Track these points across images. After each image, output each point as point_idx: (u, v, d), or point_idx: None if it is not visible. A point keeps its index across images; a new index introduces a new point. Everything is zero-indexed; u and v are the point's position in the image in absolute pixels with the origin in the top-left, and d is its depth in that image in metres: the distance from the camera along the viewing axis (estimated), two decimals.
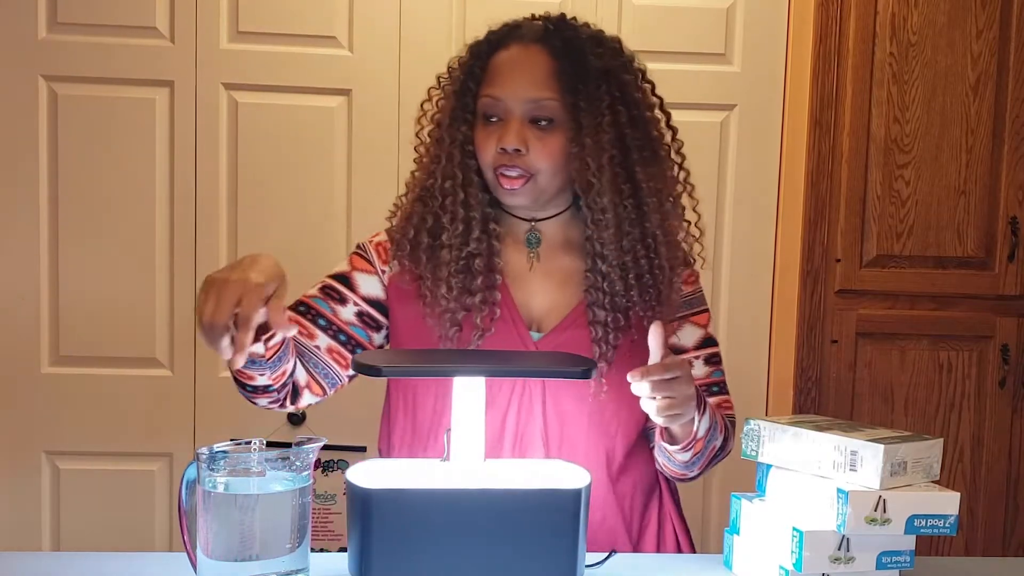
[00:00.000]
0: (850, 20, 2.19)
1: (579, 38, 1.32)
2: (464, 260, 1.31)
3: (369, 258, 1.40)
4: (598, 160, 1.29)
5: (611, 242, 1.31)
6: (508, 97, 1.30)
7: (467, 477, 1.10)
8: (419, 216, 1.35)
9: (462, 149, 1.33)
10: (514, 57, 1.31)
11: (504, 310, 1.33)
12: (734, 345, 2.31)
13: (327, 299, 1.36)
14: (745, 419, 1.23)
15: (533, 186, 1.31)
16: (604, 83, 1.30)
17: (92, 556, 1.19)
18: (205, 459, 1.01)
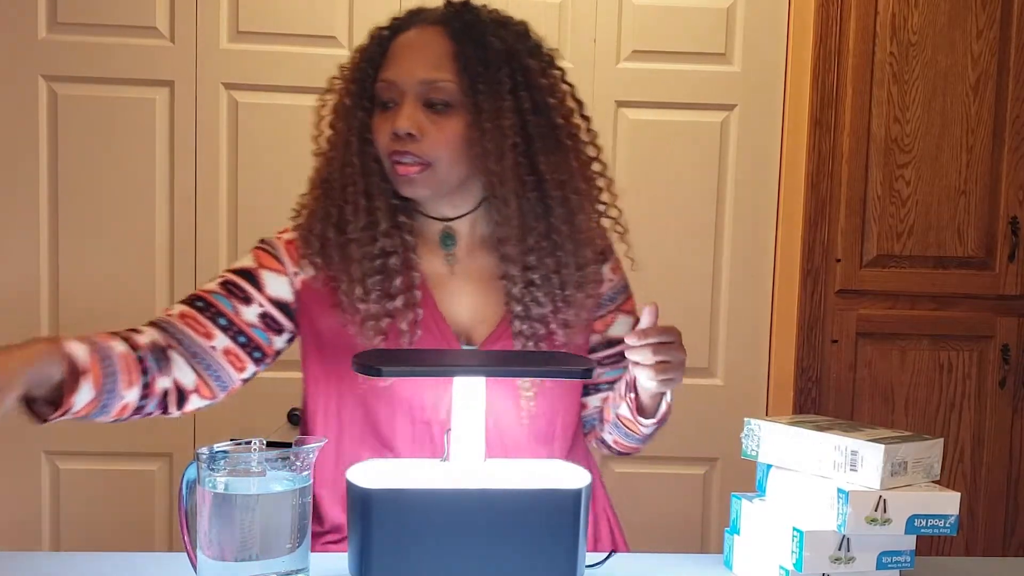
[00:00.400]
0: (850, 20, 2.19)
1: (480, 20, 1.26)
2: (378, 258, 1.25)
3: (278, 256, 1.31)
4: (499, 147, 1.22)
5: (515, 239, 1.25)
6: (401, 79, 1.23)
7: (467, 477, 1.10)
8: (323, 210, 1.28)
9: (360, 136, 1.26)
10: (411, 39, 1.26)
11: (429, 318, 1.27)
12: (734, 345, 2.31)
13: (230, 297, 1.27)
14: (745, 419, 1.23)
15: (431, 175, 1.24)
16: (506, 66, 1.24)
17: (92, 556, 1.19)
18: (205, 459, 1.01)
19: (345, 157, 1.27)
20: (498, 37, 1.25)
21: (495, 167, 1.23)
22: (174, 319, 1.25)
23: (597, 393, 1.41)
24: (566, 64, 2.19)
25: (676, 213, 2.28)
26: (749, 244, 2.29)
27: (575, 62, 2.24)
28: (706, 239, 2.30)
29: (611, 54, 2.24)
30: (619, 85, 2.25)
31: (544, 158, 1.25)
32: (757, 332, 2.31)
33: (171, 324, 1.24)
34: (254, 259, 1.31)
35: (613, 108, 2.25)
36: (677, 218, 2.28)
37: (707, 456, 2.32)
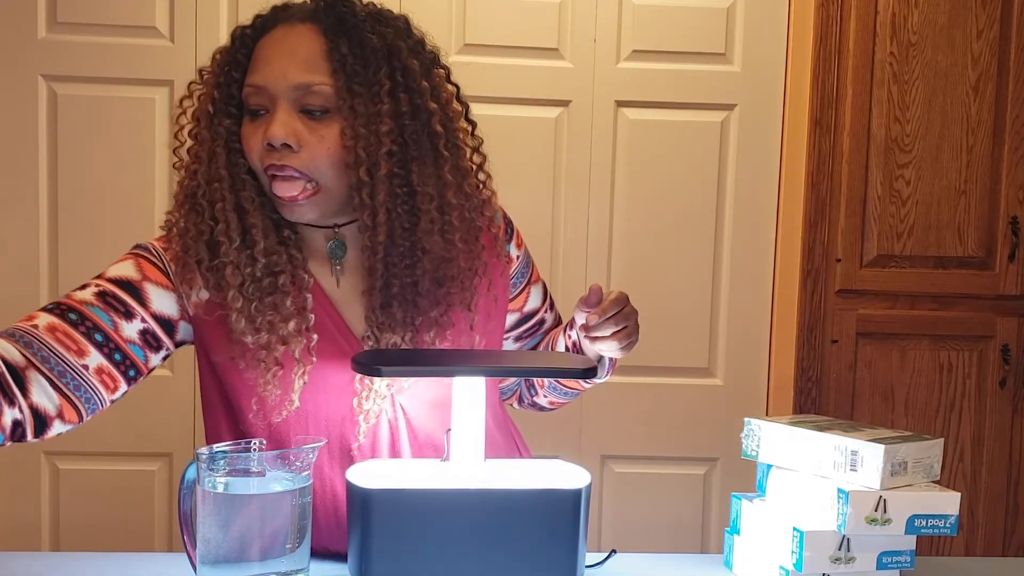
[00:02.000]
0: (850, 20, 2.19)
1: (356, 15, 1.14)
2: (264, 279, 1.13)
3: (165, 269, 1.18)
4: (373, 154, 1.11)
5: (378, 251, 1.14)
6: (272, 84, 1.11)
7: (467, 477, 1.10)
8: (194, 228, 1.15)
9: (227, 146, 1.14)
10: (280, 39, 1.13)
11: (335, 335, 1.18)
12: (734, 345, 2.31)
13: (108, 310, 1.13)
14: (745, 419, 1.23)
15: (321, 199, 1.13)
16: (385, 65, 1.13)
17: (92, 556, 1.19)
18: (205, 459, 1.01)
19: (211, 170, 1.14)
20: (376, 33, 1.13)
21: (366, 177, 1.11)
22: (40, 332, 1.09)
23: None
24: (566, 64, 2.23)
25: (676, 213, 2.28)
26: (749, 244, 2.30)
27: (575, 62, 2.24)
28: (706, 239, 2.30)
29: (611, 54, 2.24)
30: (619, 85, 2.25)
31: (418, 169, 1.14)
32: (757, 332, 2.31)
33: (35, 339, 1.08)
34: (136, 269, 1.17)
35: (613, 108, 2.25)
36: (677, 218, 2.28)
37: (707, 456, 2.32)
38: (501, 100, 2.21)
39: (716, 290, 2.31)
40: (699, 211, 2.29)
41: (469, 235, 1.19)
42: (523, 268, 1.35)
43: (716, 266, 2.30)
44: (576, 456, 2.24)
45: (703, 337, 2.31)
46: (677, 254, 2.28)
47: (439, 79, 1.19)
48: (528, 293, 1.37)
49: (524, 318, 1.38)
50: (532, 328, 1.39)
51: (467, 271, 1.20)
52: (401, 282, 1.16)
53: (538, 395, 1.42)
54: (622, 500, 2.32)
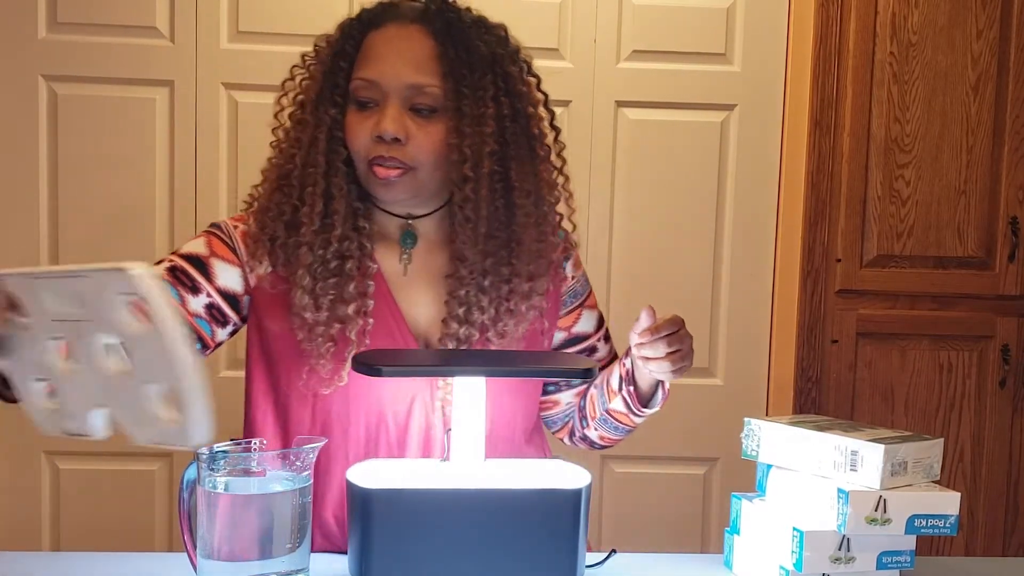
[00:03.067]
0: (850, 20, 2.19)
1: (462, 21, 1.22)
2: (332, 261, 1.20)
3: (233, 246, 1.25)
4: (478, 153, 1.19)
5: (476, 243, 1.22)
6: (386, 80, 1.19)
7: (467, 477, 1.10)
8: (276, 207, 1.22)
9: (329, 134, 1.21)
10: (391, 37, 1.21)
11: (389, 320, 1.24)
12: (734, 345, 2.31)
13: (177, 284, 1.20)
14: (745, 419, 1.23)
15: (412, 180, 1.21)
16: (490, 71, 1.21)
17: (92, 556, 1.19)
18: (205, 459, 1.01)
19: (309, 155, 1.21)
20: (481, 40, 1.21)
21: (471, 173, 1.20)
22: None
23: (569, 389, 1.41)
24: (566, 64, 2.23)
25: (676, 213, 2.28)
26: (749, 244, 2.30)
27: (575, 62, 2.24)
28: (706, 239, 2.30)
29: (611, 54, 2.24)
30: (619, 85, 2.25)
31: (516, 167, 1.22)
32: (757, 332, 2.31)
33: None
34: (206, 245, 1.25)
35: (613, 108, 2.25)
36: (677, 218, 2.28)
37: (707, 456, 2.32)
38: None
39: (716, 290, 2.31)
40: (699, 211, 2.29)
41: (555, 231, 1.30)
42: (578, 289, 1.38)
43: (716, 266, 2.30)
44: (576, 456, 2.23)
45: (703, 337, 2.31)
46: (677, 254, 2.28)
47: (530, 86, 1.28)
48: (579, 315, 1.38)
49: (572, 339, 1.38)
50: (581, 353, 1.39)
51: (553, 265, 1.30)
52: (497, 272, 1.23)
53: (588, 427, 1.40)
54: (622, 500, 2.32)
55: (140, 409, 0.86)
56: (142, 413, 0.86)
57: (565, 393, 1.41)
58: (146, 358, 0.84)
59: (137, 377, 0.86)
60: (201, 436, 0.86)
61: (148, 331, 0.83)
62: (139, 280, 0.81)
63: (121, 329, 0.85)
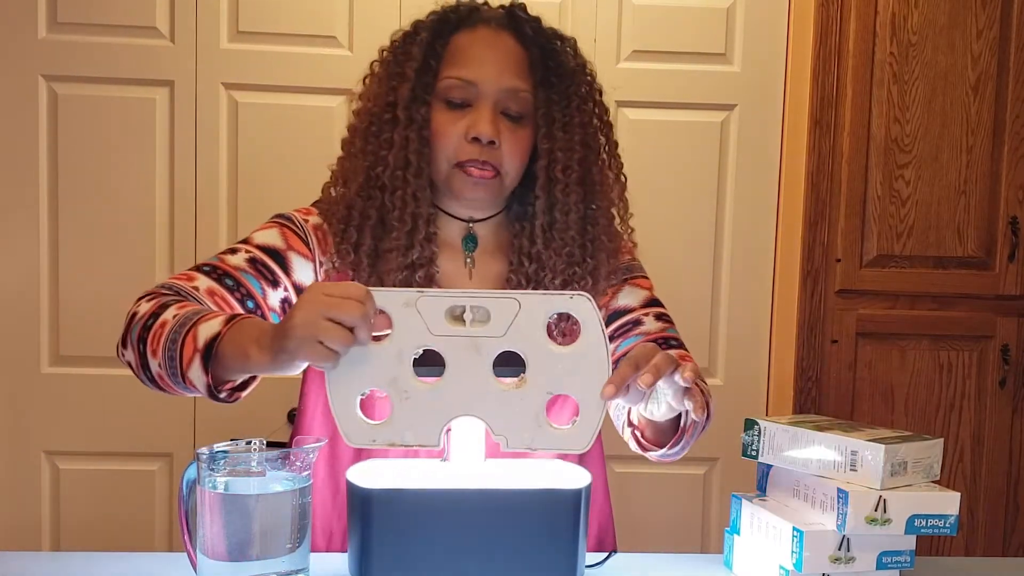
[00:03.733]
0: (850, 20, 2.19)
1: (544, 30, 1.25)
2: (405, 270, 1.20)
3: (307, 240, 1.25)
4: (568, 157, 1.22)
5: (552, 244, 1.24)
6: (484, 82, 1.19)
7: (467, 477, 1.10)
8: (361, 211, 1.21)
9: (419, 134, 1.20)
10: (485, 39, 1.21)
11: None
12: (734, 345, 2.31)
13: (259, 278, 1.19)
14: (745, 419, 1.23)
15: (499, 183, 1.22)
16: (573, 82, 1.25)
17: (92, 556, 1.19)
18: (205, 459, 1.01)
19: (400, 156, 1.20)
20: (564, 52, 1.25)
21: (562, 176, 1.22)
22: (201, 295, 1.14)
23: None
24: None
25: (676, 213, 2.28)
26: (749, 244, 2.30)
27: None
28: (706, 239, 2.30)
29: (611, 54, 2.24)
30: (619, 85, 2.24)
31: (599, 176, 1.26)
32: (757, 332, 2.31)
33: (197, 300, 1.13)
34: (282, 238, 1.23)
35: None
36: (677, 218, 2.28)
37: (707, 456, 2.32)
38: None
39: (716, 290, 2.31)
40: (699, 211, 2.29)
41: (619, 234, 1.32)
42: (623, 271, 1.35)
43: (716, 266, 2.30)
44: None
45: (703, 337, 2.31)
46: (677, 254, 2.28)
47: (600, 96, 1.31)
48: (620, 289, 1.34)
49: (613, 314, 1.33)
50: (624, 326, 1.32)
51: (616, 262, 1.32)
52: (570, 276, 1.24)
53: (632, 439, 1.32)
54: (622, 500, 2.32)
55: (526, 417, 1.02)
56: (527, 420, 1.02)
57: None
58: (558, 373, 1.01)
59: (537, 388, 1.01)
60: (590, 442, 1.03)
61: (571, 349, 1.00)
62: (580, 303, 1.00)
63: (541, 345, 1.01)
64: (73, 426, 2.21)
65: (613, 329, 1.33)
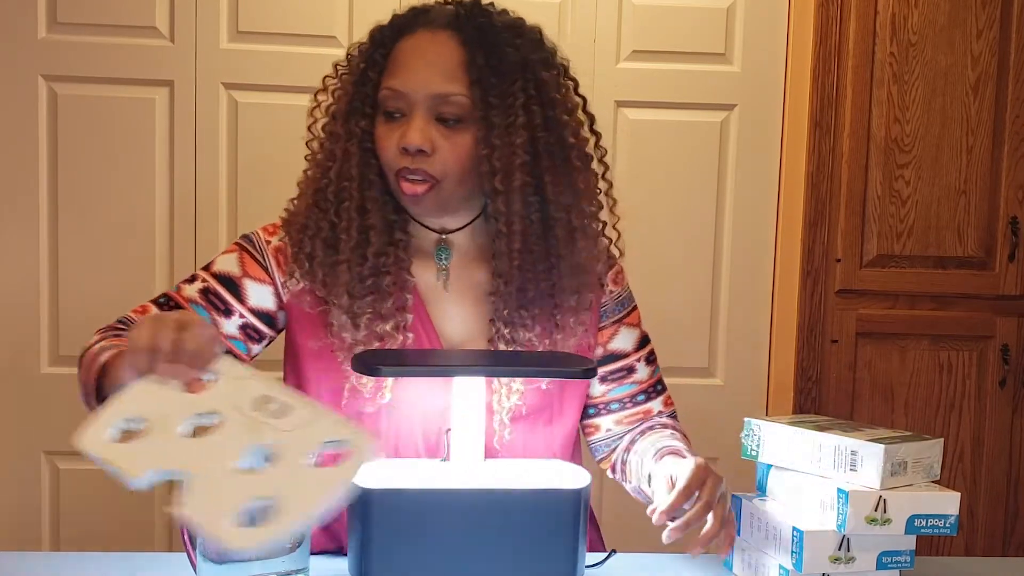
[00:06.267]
0: (850, 20, 2.19)
1: (494, 25, 1.18)
2: (369, 278, 1.17)
3: (265, 264, 1.23)
4: (508, 165, 1.15)
5: (514, 258, 1.18)
6: (412, 90, 1.15)
7: (467, 477, 1.10)
8: (314, 224, 1.19)
9: (360, 146, 1.18)
10: (420, 45, 1.17)
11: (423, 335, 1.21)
12: (734, 345, 2.31)
13: (210, 309, 1.19)
14: (745, 419, 1.23)
15: (439, 193, 1.17)
16: (520, 78, 1.16)
17: (92, 556, 1.19)
18: None
19: (344, 168, 1.18)
20: (512, 46, 1.17)
21: (502, 187, 1.16)
22: None
23: (609, 415, 1.35)
24: None
25: (676, 213, 2.28)
26: (749, 244, 2.29)
27: (575, 62, 2.23)
28: (706, 239, 2.29)
29: (611, 54, 2.24)
30: (619, 85, 2.25)
31: (551, 179, 1.18)
32: (757, 332, 2.31)
33: None
34: (239, 264, 1.23)
35: (613, 108, 2.25)
36: (677, 218, 2.28)
37: (707, 456, 2.29)
38: None
39: (716, 290, 2.30)
40: (699, 211, 2.29)
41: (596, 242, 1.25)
42: (616, 305, 1.34)
43: (716, 266, 2.30)
44: None
45: (703, 337, 2.31)
46: (677, 254, 2.28)
47: (567, 91, 1.23)
48: (617, 331, 1.33)
49: (608, 356, 1.33)
50: (618, 372, 1.34)
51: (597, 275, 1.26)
52: (537, 288, 1.20)
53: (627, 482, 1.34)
54: (622, 500, 2.32)
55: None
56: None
57: (605, 418, 1.35)
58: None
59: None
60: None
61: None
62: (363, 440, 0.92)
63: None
64: (73, 426, 2.18)
65: (607, 372, 1.33)
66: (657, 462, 1.22)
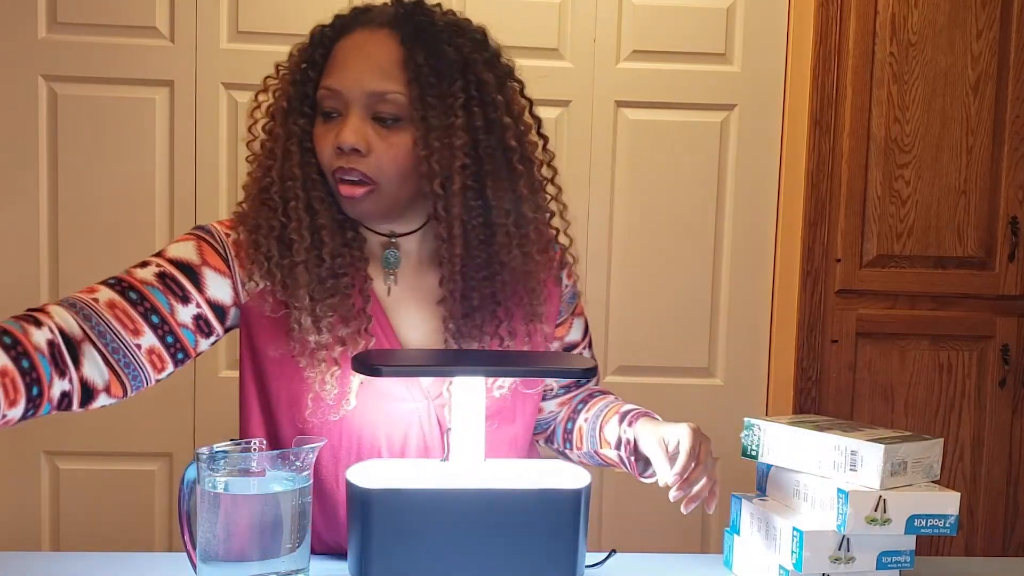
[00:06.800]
0: (850, 20, 2.19)
1: (434, 24, 1.15)
2: (329, 280, 1.15)
3: (225, 256, 1.19)
4: (447, 167, 1.12)
5: (455, 264, 1.16)
6: (347, 88, 1.13)
7: (467, 477, 1.10)
8: (266, 224, 1.16)
9: (300, 145, 1.16)
10: (358, 43, 1.15)
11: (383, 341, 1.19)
12: (734, 345, 2.31)
13: (167, 293, 1.13)
14: (745, 419, 1.23)
15: (377, 196, 1.14)
16: (461, 78, 1.13)
17: (92, 556, 1.19)
18: (205, 459, 1.01)
19: (285, 168, 1.16)
20: (453, 45, 1.14)
21: (440, 191, 1.13)
22: (100, 307, 1.10)
23: (554, 399, 1.38)
24: (566, 64, 2.23)
25: (676, 213, 2.28)
26: (749, 244, 2.30)
27: (575, 62, 2.24)
28: (706, 239, 2.30)
29: (611, 54, 2.24)
30: (619, 85, 2.25)
31: (492, 183, 1.15)
32: (757, 332, 2.31)
33: (95, 312, 1.09)
34: (197, 252, 1.18)
35: (613, 108, 2.25)
36: (677, 218, 2.28)
37: None
38: None
39: (716, 290, 2.31)
40: (699, 211, 2.29)
41: (543, 247, 1.21)
42: (571, 297, 1.35)
43: (716, 266, 2.30)
44: None
45: (703, 337, 2.31)
46: (677, 254, 2.28)
47: (513, 93, 1.19)
48: (571, 324, 1.35)
49: (564, 349, 1.36)
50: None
51: (543, 283, 1.23)
52: (480, 293, 1.18)
53: (571, 452, 1.37)
54: (622, 500, 2.32)
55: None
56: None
57: (549, 402, 1.38)
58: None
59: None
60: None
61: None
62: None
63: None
64: (73, 426, 2.20)
65: None
66: (631, 426, 1.24)
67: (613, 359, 2.30)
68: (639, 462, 1.23)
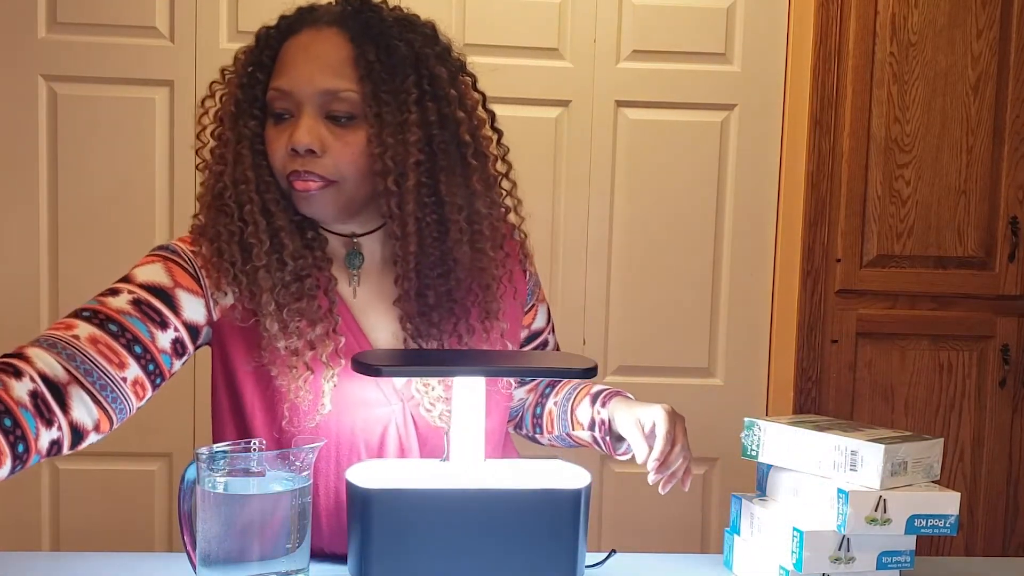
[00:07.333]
0: (850, 20, 2.19)
1: (383, 20, 1.14)
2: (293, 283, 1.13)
3: (196, 275, 1.15)
4: (401, 164, 1.11)
5: (410, 262, 1.15)
6: (298, 88, 1.11)
7: (467, 477, 1.10)
8: (226, 231, 1.13)
9: (252, 148, 1.14)
10: (306, 43, 1.13)
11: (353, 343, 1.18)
12: (734, 345, 2.31)
13: (145, 320, 1.10)
14: (745, 419, 1.23)
15: (336, 194, 1.12)
16: (413, 73, 1.12)
17: (92, 556, 1.19)
18: (205, 459, 1.01)
19: (237, 172, 1.13)
20: (403, 40, 1.12)
21: (394, 187, 1.11)
22: (83, 344, 1.05)
23: (522, 386, 1.39)
24: (566, 64, 2.23)
25: (676, 213, 2.28)
26: (749, 244, 2.30)
27: (575, 62, 2.24)
28: (706, 239, 2.30)
29: (611, 54, 2.24)
30: (619, 85, 2.25)
31: (446, 179, 1.14)
32: (757, 332, 2.31)
33: (79, 351, 1.04)
34: (168, 274, 1.14)
35: (613, 108, 2.25)
36: (677, 218, 2.28)
37: (707, 456, 2.32)
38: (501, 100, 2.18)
39: (716, 290, 2.31)
40: (699, 211, 2.29)
41: (497, 244, 1.20)
42: (533, 286, 1.36)
43: (716, 266, 2.30)
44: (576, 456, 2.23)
45: (703, 337, 2.31)
46: (677, 254, 2.28)
47: (465, 87, 1.18)
48: (536, 311, 1.37)
49: (530, 336, 1.37)
50: (537, 348, 1.38)
51: (499, 279, 1.21)
52: (436, 291, 1.17)
53: (542, 436, 1.39)
54: (622, 500, 2.32)
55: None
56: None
57: (518, 390, 1.38)
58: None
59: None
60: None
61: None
62: None
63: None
64: None
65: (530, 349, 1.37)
66: (605, 407, 1.25)
67: (613, 359, 2.30)
68: (613, 440, 1.26)
